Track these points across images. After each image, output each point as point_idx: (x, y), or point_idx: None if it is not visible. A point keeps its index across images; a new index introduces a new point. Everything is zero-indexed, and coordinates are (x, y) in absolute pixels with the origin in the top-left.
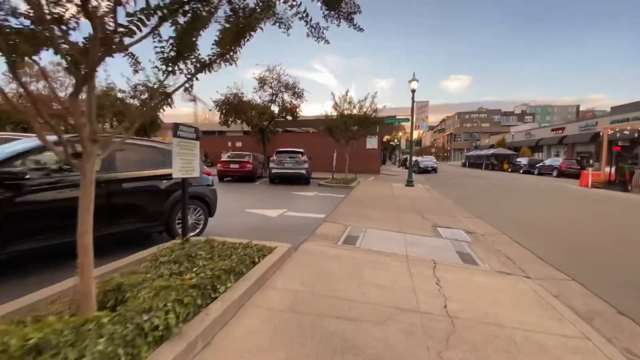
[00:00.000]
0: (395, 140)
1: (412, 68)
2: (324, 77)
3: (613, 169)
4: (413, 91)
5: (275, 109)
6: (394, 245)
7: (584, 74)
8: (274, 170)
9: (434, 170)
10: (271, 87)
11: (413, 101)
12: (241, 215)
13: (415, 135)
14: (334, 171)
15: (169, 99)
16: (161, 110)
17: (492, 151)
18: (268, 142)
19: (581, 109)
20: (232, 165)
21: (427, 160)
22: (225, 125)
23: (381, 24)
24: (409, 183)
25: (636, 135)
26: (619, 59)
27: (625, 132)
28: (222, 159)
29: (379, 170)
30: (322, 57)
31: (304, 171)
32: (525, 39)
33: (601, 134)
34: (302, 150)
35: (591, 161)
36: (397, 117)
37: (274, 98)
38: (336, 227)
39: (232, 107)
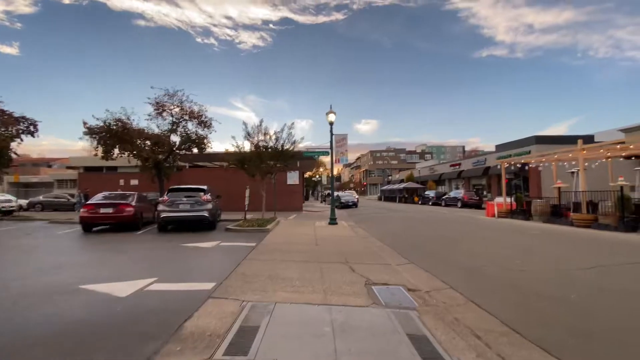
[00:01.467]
0: (317, 176)
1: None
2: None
3: (510, 199)
4: (331, 123)
5: (176, 139)
6: (315, 343)
7: (463, 121)
8: (163, 214)
9: (355, 205)
10: (172, 115)
11: (331, 134)
12: (63, 298)
13: (335, 170)
14: (246, 211)
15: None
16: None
17: (403, 185)
18: (167, 178)
19: (466, 149)
20: (103, 210)
21: (348, 195)
22: (106, 158)
23: (298, 70)
24: (332, 221)
25: (521, 167)
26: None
27: (511, 166)
28: (88, 202)
29: (302, 207)
30: (243, 95)
31: (205, 213)
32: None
33: (498, 166)
34: (204, 187)
35: (484, 192)
36: (317, 150)
37: (174, 127)
38: (227, 308)
39: (115, 135)
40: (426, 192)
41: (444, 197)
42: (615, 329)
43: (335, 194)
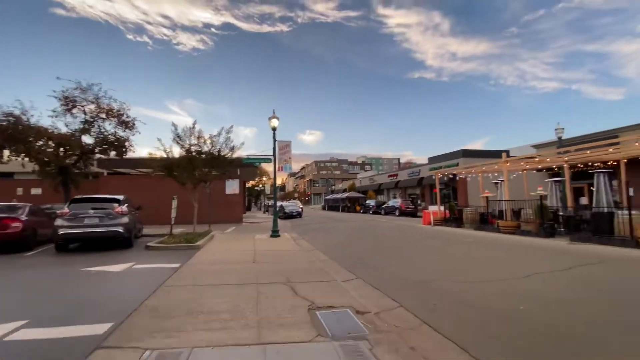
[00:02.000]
0: (260, 185)
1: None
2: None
3: (444, 208)
4: (274, 129)
5: (90, 141)
6: None
7: (397, 135)
8: (62, 231)
9: (299, 215)
10: (84, 112)
11: (274, 140)
12: None
13: (279, 180)
14: (172, 225)
15: None
16: None
17: (346, 195)
18: (76, 187)
19: (401, 161)
20: None
21: (292, 205)
22: None
23: (241, 77)
24: (275, 233)
25: (451, 178)
26: (417, 127)
27: (444, 176)
28: None
29: (242, 218)
30: (180, 99)
31: (119, 228)
32: (361, 105)
33: (433, 177)
34: (120, 197)
35: (419, 201)
36: (258, 157)
37: (87, 126)
38: None
39: (3, 133)
40: (367, 202)
41: (383, 206)
42: (592, 349)
43: (279, 203)
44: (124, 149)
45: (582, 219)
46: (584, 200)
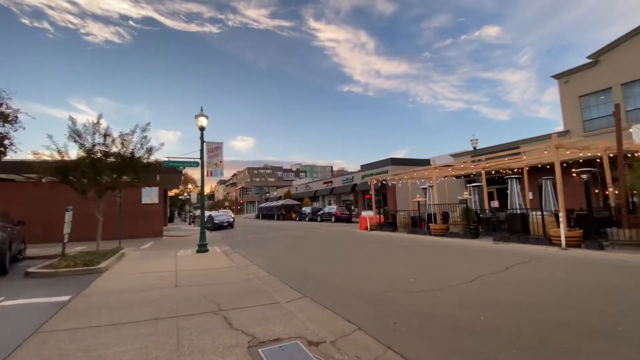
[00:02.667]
0: (186, 194)
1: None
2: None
3: (380, 213)
4: (202, 129)
5: None
6: None
7: (329, 144)
8: None
9: (231, 225)
10: None
11: (202, 140)
12: None
13: (207, 188)
14: (65, 243)
15: None
16: None
17: (281, 202)
18: None
19: (334, 169)
20: None
21: (223, 215)
22: None
23: (164, 76)
24: (202, 248)
25: (382, 184)
26: (347, 136)
27: (379, 182)
28: None
29: (162, 232)
30: (88, 96)
31: None
32: (295, 113)
33: (369, 183)
34: None
35: (352, 207)
36: (182, 160)
37: None
38: None
39: None
40: (303, 209)
41: (319, 213)
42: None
43: (207, 213)
44: (1, 148)
45: (498, 220)
46: (495, 204)
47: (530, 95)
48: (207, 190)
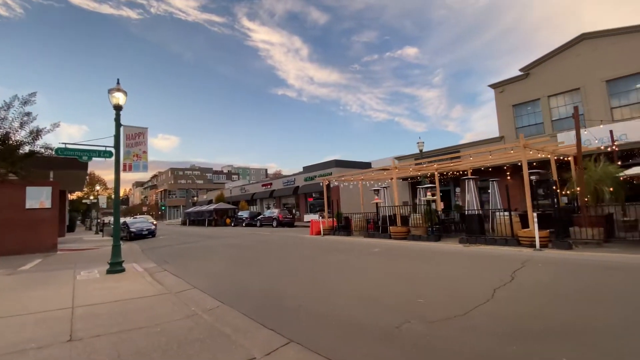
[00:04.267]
0: (92, 198)
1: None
2: None
3: (325, 216)
4: (118, 108)
5: None
6: None
7: (262, 146)
8: None
9: (152, 233)
10: None
11: (118, 124)
12: None
13: (122, 192)
14: None
15: None
16: None
17: (213, 206)
18: None
19: (268, 172)
20: None
21: (142, 222)
22: None
23: (68, 60)
24: (115, 267)
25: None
26: (280, 139)
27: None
28: None
29: (56, 245)
30: None
31: None
32: (226, 114)
33: (321, 184)
34: None
35: (294, 210)
36: (87, 147)
37: None
38: None
39: None
40: (239, 213)
41: (258, 218)
42: None
43: (122, 220)
44: None
45: (454, 221)
46: (440, 205)
47: (441, 112)
48: (120, 193)
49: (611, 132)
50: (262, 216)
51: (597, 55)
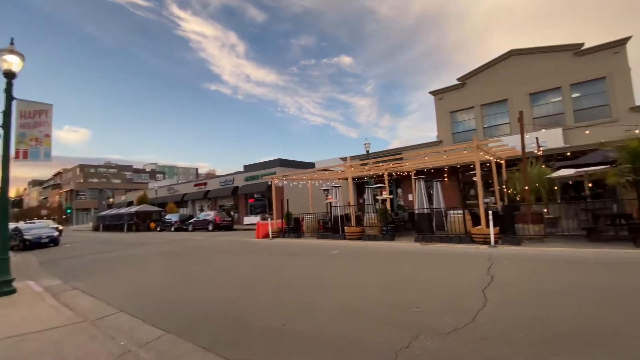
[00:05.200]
0: None
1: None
2: None
3: (275, 217)
4: (10, 75)
5: None
6: None
7: (192, 145)
8: None
9: (54, 242)
10: None
11: (10, 95)
12: None
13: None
14: None
15: None
16: None
17: (134, 209)
18: None
19: (199, 171)
20: None
21: (39, 227)
22: None
23: None
24: (1, 288)
25: (268, 186)
26: (213, 138)
27: (283, 182)
28: None
29: None
30: None
31: None
32: (149, 107)
33: (270, 182)
34: None
35: (232, 212)
36: None
37: None
38: None
39: None
40: (167, 216)
41: (191, 221)
42: None
43: (13, 225)
44: None
45: (403, 220)
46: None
47: (372, 119)
48: (12, 193)
49: (537, 138)
50: (195, 219)
51: (522, 70)
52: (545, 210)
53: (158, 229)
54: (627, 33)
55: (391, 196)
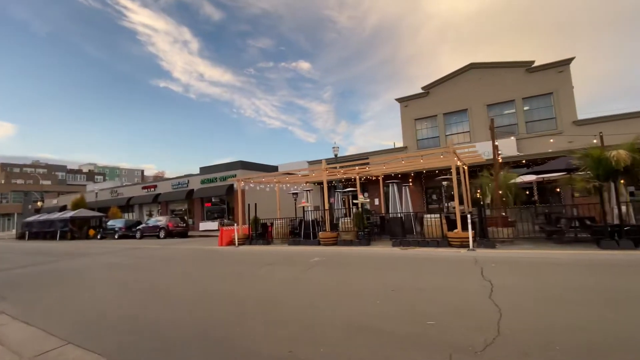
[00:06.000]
0: None
1: None
2: None
3: (241, 223)
4: None
5: None
6: None
7: (136, 145)
8: None
9: None
10: None
11: None
12: None
13: None
14: None
15: None
16: None
17: (70, 214)
18: None
19: (145, 173)
20: None
21: None
22: None
23: None
24: None
25: (227, 190)
26: (159, 139)
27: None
28: None
29: None
30: None
31: None
32: (86, 103)
33: (238, 186)
34: None
35: (186, 217)
36: None
37: None
38: None
39: None
40: (110, 222)
41: (139, 227)
42: None
43: None
44: None
45: (376, 225)
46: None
47: (329, 125)
48: None
49: (496, 146)
50: (144, 225)
51: (481, 83)
52: (503, 213)
53: (98, 237)
54: (570, 53)
55: (368, 200)
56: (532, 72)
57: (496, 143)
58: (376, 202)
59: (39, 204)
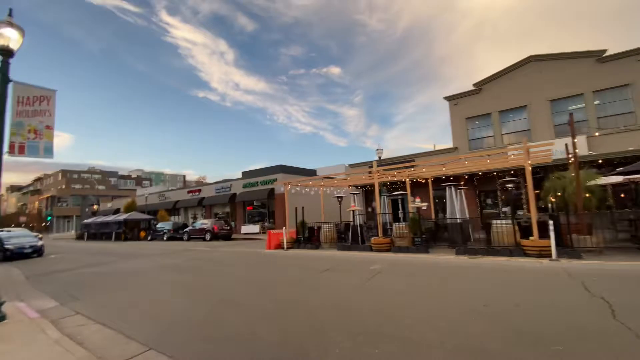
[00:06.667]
0: None
1: None
2: None
3: (286, 227)
4: (8, 53)
5: None
6: None
7: (177, 152)
8: None
9: (38, 252)
10: None
11: (5, 78)
12: None
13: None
14: None
15: None
16: None
17: (123, 217)
18: None
19: (187, 179)
20: None
21: (21, 236)
22: None
23: None
24: None
25: (268, 194)
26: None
27: (289, 189)
28: None
29: None
30: None
31: None
32: (134, 113)
33: (279, 189)
34: None
35: (229, 220)
36: None
37: None
38: None
39: None
40: (159, 225)
41: (186, 230)
42: None
43: None
44: None
45: (432, 230)
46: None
47: (360, 129)
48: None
49: (566, 145)
50: (191, 228)
51: (542, 77)
52: (588, 220)
53: (148, 238)
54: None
55: (426, 204)
56: (604, 62)
57: (575, 140)
58: (424, 206)
59: (95, 207)
